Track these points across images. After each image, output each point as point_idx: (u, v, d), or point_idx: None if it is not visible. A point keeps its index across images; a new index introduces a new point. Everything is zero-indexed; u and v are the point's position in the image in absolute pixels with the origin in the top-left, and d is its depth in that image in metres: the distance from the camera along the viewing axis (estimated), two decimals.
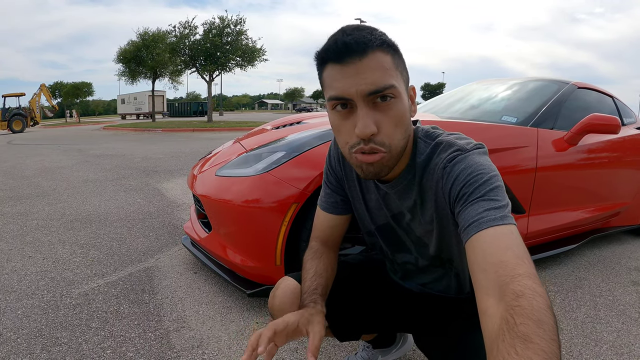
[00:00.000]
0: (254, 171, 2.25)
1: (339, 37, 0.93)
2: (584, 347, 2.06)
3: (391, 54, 0.96)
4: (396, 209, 1.20)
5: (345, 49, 0.92)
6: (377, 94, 0.93)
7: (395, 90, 0.94)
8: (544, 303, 0.68)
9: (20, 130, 24.17)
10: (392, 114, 0.96)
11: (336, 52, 0.93)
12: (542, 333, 0.64)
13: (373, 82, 0.92)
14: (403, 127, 0.99)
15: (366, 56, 0.91)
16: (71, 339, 2.01)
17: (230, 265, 2.32)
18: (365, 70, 0.92)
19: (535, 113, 2.92)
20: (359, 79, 0.92)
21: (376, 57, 0.92)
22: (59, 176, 6.75)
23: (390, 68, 0.94)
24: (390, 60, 0.95)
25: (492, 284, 0.75)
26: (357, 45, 0.91)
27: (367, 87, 0.92)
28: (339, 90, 0.94)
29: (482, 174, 0.92)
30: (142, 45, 29.42)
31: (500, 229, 0.83)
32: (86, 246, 3.32)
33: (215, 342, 2.01)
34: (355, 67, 0.92)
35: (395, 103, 0.95)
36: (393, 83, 0.94)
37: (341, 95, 0.95)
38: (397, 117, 0.97)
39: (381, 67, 0.93)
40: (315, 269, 1.22)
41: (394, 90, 0.94)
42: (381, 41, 0.93)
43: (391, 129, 0.97)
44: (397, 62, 0.97)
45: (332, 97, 0.97)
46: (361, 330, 1.42)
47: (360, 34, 0.92)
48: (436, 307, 1.32)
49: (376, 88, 0.92)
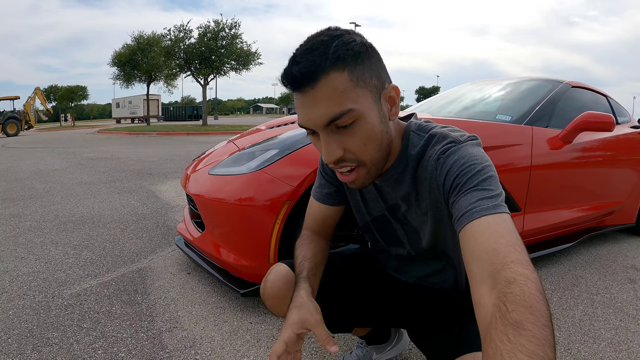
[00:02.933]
0: (247, 169, 2.23)
1: (288, 68, 0.91)
2: (582, 345, 2.05)
3: (349, 68, 0.90)
4: (391, 200, 1.19)
5: (294, 81, 0.90)
6: (334, 121, 0.91)
7: (354, 113, 0.91)
8: (536, 289, 0.67)
9: (15, 133, 24.08)
10: (359, 135, 0.94)
11: (290, 83, 0.91)
12: (534, 319, 0.63)
13: (326, 113, 0.90)
14: (374, 142, 0.97)
15: (318, 82, 0.88)
16: (62, 340, 1.98)
17: (224, 265, 2.30)
18: (318, 101, 0.89)
19: (529, 111, 2.92)
20: (313, 110, 0.91)
21: (329, 82, 0.88)
22: (53, 178, 6.71)
23: (346, 89, 0.90)
24: (346, 79, 0.90)
25: (485, 272, 0.75)
26: (305, 76, 0.88)
27: (321, 118, 0.91)
28: (301, 120, 0.95)
29: (475, 165, 0.91)
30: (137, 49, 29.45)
31: (492, 218, 0.82)
32: (79, 247, 3.30)
33: (208, 343, 1.98)
34: (309, 96, 0.90)
35: (358, 125, 0.93)
36: (350, 107, 0.90)
37: (304, 125, 0.95)
38: (364, 136, 0.95)
39: (334, 92, 0.89)
40: (303, 254, 1.22)
41: (352, 113, 0.90)
42: (334, 59, 0.88)
43: (360, 148, 0.96)
44: (359, 74, 0.92)
45: (299, 125, 0.98)
46: (353, 322, 1.41)
47: (309, 59, 0.88)
48: (432, 299, 1.31)
49: (330, 118, 0.90)
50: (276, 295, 1.19)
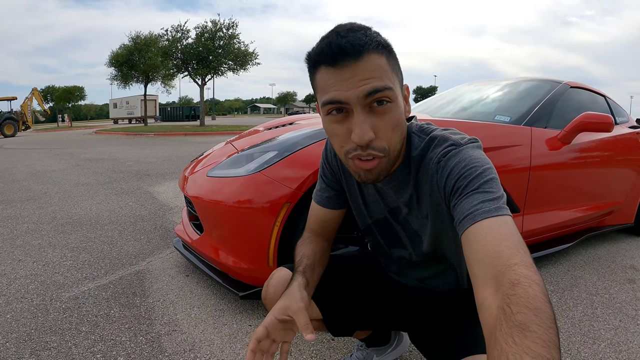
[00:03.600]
0: (245, 171, 2.22)
1: (333, 40, 0.90)
2: (582, 346, 2.05)
3: (386, 55, 0.94)
4: (393, 204, 1.18)
5: (340, 52, 0.89)
6: (375, 95, 0.90)
7: (392, 93, 0.92)
8: (540, 290, 0.67)
9: (12, 134, 24.05)
10: (389, 118, 0.94)
11: (330, 56, 0.90)
12: (539, 321, 0.63)
13: (370, 84, 0.89)
14: (399, 130, 0.98)
15: (362, 58, 0.89)
16: (61, 343, 1.97)
17: (223, 267, 2.29)
18: (362, 73, 0.89)
19: (528, 112, 2.92)
20: (355, 81, 0.90)
21: (372, 59, 0.90)
22: (50, 180, 6.69)
23: (386, 70, 0.92)
24: (385, 61, 0.93)
25: (489, 275, 0.74)
26: (353, 47, 0.88)
27: (364, 89, 0.89)
28: (334, 94, 0.92)
29: (476, 167, 0.91)
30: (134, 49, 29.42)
31: (495, 220, 0.81)
32: (77, 249, 3.28)
33: (208, 346, 1.98)
34: (350, 70, 0.89)
35: (392, 107, 0.94)
36: (390, 85, 0.92)
37: (337, 99, 0.92)
38: (394, 121, 0.95)
39: (378, 68, 0.91)
40: (302, 253, 1.22)
41: (390, 93, 0.92)
42: (376, 43, 0.91)
43: (389, 133, 0.95)
44: (392, 63, 0.96)
45: (326, 101, 0.94)
46: (355, 325, 1.41)
47: (355, 36, 0.90)
48: (433, 302, 1.31)
49: (374, 89, 0.90)
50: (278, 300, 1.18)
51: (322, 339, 2.04)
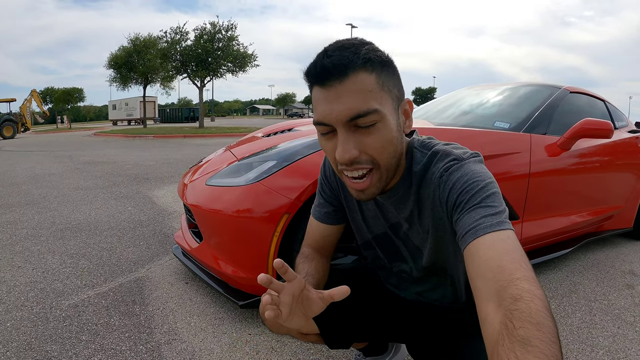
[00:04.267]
0: (244, 181, 2.22)
1: (319, 60, 0.92)
2: (580, 353, 2.05)
3: (377, 72, 0.93)
4: (393, 219, 1.18)
5: (323, 72, 0.91)
6: (357, 119, 0.91)
7: (377, 114, 0.92)
8: (542, 305, 0.68)
9: (11, 136, 24.06)
10: (376, 137, 0.95)
11: (316, 76, 0.93)
12: (542, 336, 0.63)
13: (351, 108, 0.90)
14: (390, 148, 0.98)
15: (347, 78, 0.90)
16: (61, 352, 1.97)
17: (222, 276, 2.29)
18: (345, 95, 0.90)
19: (528, 118, 2.92)
20: (338, 104, 0.91)
21: (358, 79, 0.90)
22: (49, 183, 6.69)
23: (373, 89, 0.92)
24: (374, 80, 0.92)
25: (491, 290, 0.75)
26: (336, 68, 0.89)
27: (345, 113, 0.91)
28: (320, 115, 0.94)
29: (478, 182, 0.92)
30: (133, 51, 29.37)
31: (497, 235, 0.82)
32: (76, 256, 3.28)
33: (207, 355, 1.98)
34: (335, 91, 0.91)
35: (378, 127, 0.94)
36: (375, 107, 0.92)
37: (322, 120, 0.95)
38: (381, 140, 0.95)
39: (362, 90, 0.91)
40: (306, 270, 1.21)
41: (376, 114, 0.92)
42: (364, 60, 0.91)
43: (375, 150, 0.96)
44: (384, 80, 0.95)
45: (315, 121, 0.97)
46: (353, 337, 1.40)
47: (341, 55, 0.90)
48: (431, 315, 1.31)
49: (355, 113, 0.91)
50: None
51: (320, 348, 2.04)
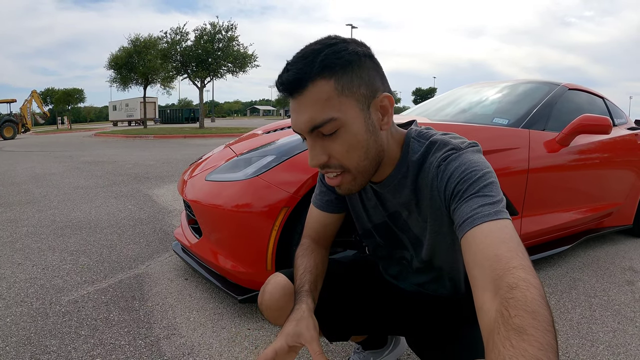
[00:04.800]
0: (243, 175, 2.22)
1: (281, 75, 0.95)
2: (580, 348, 2.05)
3: (336, 77, 0.92)
4: (392, 208, 1.19)
5: (285, 87, 0.94)
6: (315, 130, 0.94)
7: (336, 122, 0.93)
8: (538, 294, 0.68)
9: (11, 136, 24.10)
10: (341, 142, 0.96)
11: (281, 89, 0.95)
12: (537, 324, 0.63)
13: (309, 120, 0.93)
14: (358, 150, 0.98)
15: (306, 89, 0.92)
16: (60, 347, 1.97)
17: (221, 271, 2.29)
18: (304, 106, 0.93)
19: (526, 115, 2.92)
20: (300, 115, 0.95)
21: (315, 89, 0.91)
22: (50, 183, 6.70)
23: (330, 97, 0.92)
24: (332, 87, 0.92)
25: (487, 278, 0.75)
26: (293, 82, 0.92)
27: (306, 124, 0.94)
28: (292, 124, 0.99)
29: (476, 171, 0.92)
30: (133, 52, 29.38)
31: (494, 224, 0.82)
32: (76, 253, 3.29)
33: (207, 350, 1.98)
34: (298, 102, 0.94)
35: (341, 134, 0.95)
36: (332, 116, 0.92)
37: (293, 129, 1.00)
38: (347, 144, 0.97)
39: (318, 100, 0.92)
40: (304, 265, 1.21)
41: (334, 122, 0.93)
42: (321, 67, 0.90)
43: (342, 155, 0.98)
44: (345, 83, 0.93)
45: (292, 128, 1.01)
46: (351, 330, 1.40)
47: (297, 67, 0.92)
48: (430, 307, 1.31)
49: (313, 125, 0.94)
50: (274, 306, 1.19)
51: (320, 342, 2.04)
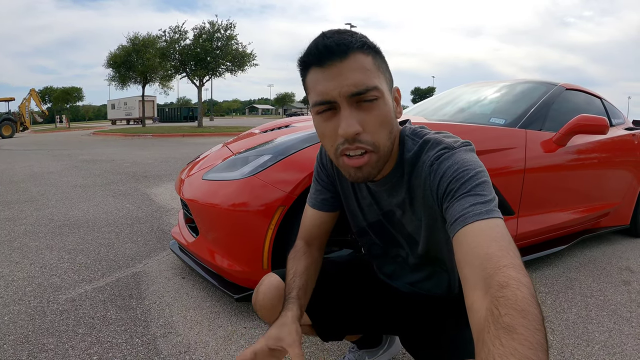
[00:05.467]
0: (240, 175, 2.23)
1: (319, 41, 0.94)
2: (576, 348, 2.05)
3: (372, 55, 0.96)
4: (386, 207, 1.19)
5: (326, 51, 0.92)
6: (360, 95, 0.93)
7: (378, 91, 0.94)
8: (529, 293, 0.68)
9: (10, 135, 24.06)
10: (376, 114, 0.96)
11: (317, 56, 0.94)
12: (527, 323, 0.63)
13: (355, 84, 0.92)
14: (388, 127, 0.99)
15: (347, 58, 0.92)
16: (58, 345, 1.98)
17: (218, 270, 2.30)
18: (347, 72, 0.92)
19: (523, 115, 2.93)
20: (341, 80, 0.92)
21: (357, 59, 0.93)
22: (48, 181, 6.69)
23: (372, 69, 0.95)
24: (371, 61, 0.95)
25: (478, 277, 0.75)
26: (338, 47, 0.92)
27: (349, 88, 0.92)
28: (322, 93, 0.95)
29: (469, 170, 0.92)
30: (132, 50, 29.32)
31: (485, 223, 0.82)
32: (74, 252, 3.29)
33: (203, 348, 1.99)
34: (336, 69, 0.92)
35: (379, 103, 0.96)
36: (376, 84, 0.94)
37: (324, 98, 0.95)
38: (381, 117, 0.97)
39: (363, 68, 0.93)
40: (294, 269, 1.21)
41: (377, 91, 0.94)
42: (362, 43, 0.94)
43: (376, 128, 0.97)
44: (379, 63, 0.98)
45: (315, 102, 0.97)
46: (345, 330, 1.41)
47: (340, 37, 0.93)
48: (424, 306, 1.31)
49: (359, 89, 0.93)
50: (268, 305, 1.19)
51: (315, 341, 2.05)
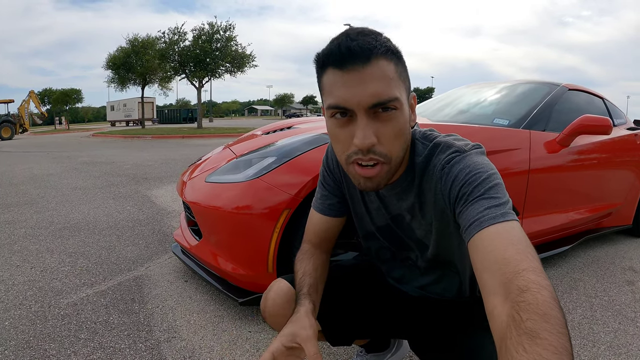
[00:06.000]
0: (244, 177, 2.21)
1: (342, 41, 0.89)
2: (582, 349, 2.04)
3: (395, 62, 0.93)
4: (395, 211, 1.17)
5: (349, 54, 0.88)
6: (380, 106, 0.90)
7: (398, 102, 0.91)
8: (550, 296, 0.66)
9: (9, 137, 24.06)
10: (393, 125, 0.93)
11: (339, 57, 0.89)
12: (550, 327, 0.62)
13: (376, 94, 0.89)
14: (403, 137, 0.97)
15: (369, 64, 0.88)
16: (60, 351, 1.96)
17: (222, 273, 2.28)
18: (368, 80, 0.88)
19: (526, 115, 2.92)
20: (361, 89, 0.89)
21: (380, 66, 0.89)
22: (48, 184, 6.67)
23: (393, 78, 0.91)
24: (394, 69, 0.92)
25: (497, 282, 0.74)
26: (362, 51, 0.88)
27: (369, 99, 0.89)
28: (339, 99, 0.91)
29: (481, 173, 0.91)
30: (131, 52, 29.39)
31: (501, 226, 0.81)
32: (75, 255, 3.27)
33: (207, 353, 1.97)
34: (358, 75, 0.88)
35: (397, 115, 0.93)
36: (397, 95, 0.91)
37: (342, 104, 0.91)
38: (398, 128, 0.94)
39: (385, 76, 0.90)
40: (303, 269, 1.20)
41: (396, 102, 0.91)
42: (386, 48, 0.90)
43: (391, 140, 0.94)
44: (401, 70, 0.95)
45: (331, 105, 0.93)
46: (354, 335, 1.39)
47: (364, 40, 0.89)
48: (434, 310, 1.30)
49: (379, 100, 0.89)
50: (277, 313, 1.16)
51: (322, 345, 2.03)
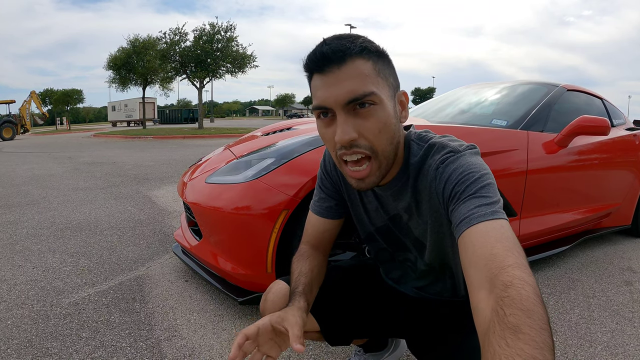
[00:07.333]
0: (243, 178, 2.23)
1: (318, 48, 0.96)
2: (579, 349, 2.06)
3: (373, 60, 0.96)
4: (392, 211, 1.19)
5: (323, 58, 0.94)
6: (356, 101, 0.94)
7: (375, 96, 0.95)
8: (533, 292, 0.68)
9: (10, 137, 24.09)
10: (374, 121, 0.96)
11: (315, 62, 0.96)
12: (532, 323, 0.63)
13: (350, 91, 0.93)
14: (387, 133, 0.99)
15: (345, 64, 0.93)
16: (62, 350, 1.98)
17: (221, 273, 2.30)
18: (344, 79, 0.93)
19: (525, 116, 2.93)
20: (338, 88, 0.94)
21: (355, 65, 0.94)
22: (49, 184, 6.70)
23: (370, 75, 0.95)
24: (370, 67, 0.96)
25: (483, 277, 0.75)
26: (334, 54, 0.93)
27: (345, 95, 0.93)
28: (319, 99, 0.97)
29: (474, 173, 0.93)
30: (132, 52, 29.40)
31: (490, 224, 0.83)
32: (76, 255, 3.29)
33: (207, 351, 1.99)
34: (334, 76, 0.94)
35: (377, 109, 0.96)
36: (372, 90, 0.94)
37: (322, 104, 0.97)
38: (380, 123, 0.97)
39: (360, 74, 0.94)
40: (299, 270, 1.21)
41: (373, 97, 0.95)
42: (361, 48, 0.95)
43: (374, 134, 0.97)
44: (381, 68, 0.98)
45: (314, 106, 1.00)
46: (353, 334, 1.41)
47: (339, 43, 0.94)
48: (431, 310, 1.31)
49: (354, 96, 0.93)
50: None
51: (320, 345, 2.05)
